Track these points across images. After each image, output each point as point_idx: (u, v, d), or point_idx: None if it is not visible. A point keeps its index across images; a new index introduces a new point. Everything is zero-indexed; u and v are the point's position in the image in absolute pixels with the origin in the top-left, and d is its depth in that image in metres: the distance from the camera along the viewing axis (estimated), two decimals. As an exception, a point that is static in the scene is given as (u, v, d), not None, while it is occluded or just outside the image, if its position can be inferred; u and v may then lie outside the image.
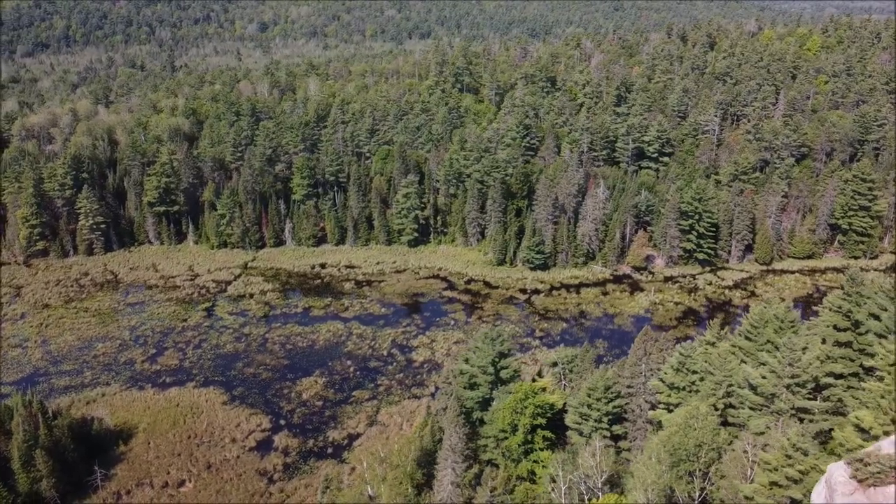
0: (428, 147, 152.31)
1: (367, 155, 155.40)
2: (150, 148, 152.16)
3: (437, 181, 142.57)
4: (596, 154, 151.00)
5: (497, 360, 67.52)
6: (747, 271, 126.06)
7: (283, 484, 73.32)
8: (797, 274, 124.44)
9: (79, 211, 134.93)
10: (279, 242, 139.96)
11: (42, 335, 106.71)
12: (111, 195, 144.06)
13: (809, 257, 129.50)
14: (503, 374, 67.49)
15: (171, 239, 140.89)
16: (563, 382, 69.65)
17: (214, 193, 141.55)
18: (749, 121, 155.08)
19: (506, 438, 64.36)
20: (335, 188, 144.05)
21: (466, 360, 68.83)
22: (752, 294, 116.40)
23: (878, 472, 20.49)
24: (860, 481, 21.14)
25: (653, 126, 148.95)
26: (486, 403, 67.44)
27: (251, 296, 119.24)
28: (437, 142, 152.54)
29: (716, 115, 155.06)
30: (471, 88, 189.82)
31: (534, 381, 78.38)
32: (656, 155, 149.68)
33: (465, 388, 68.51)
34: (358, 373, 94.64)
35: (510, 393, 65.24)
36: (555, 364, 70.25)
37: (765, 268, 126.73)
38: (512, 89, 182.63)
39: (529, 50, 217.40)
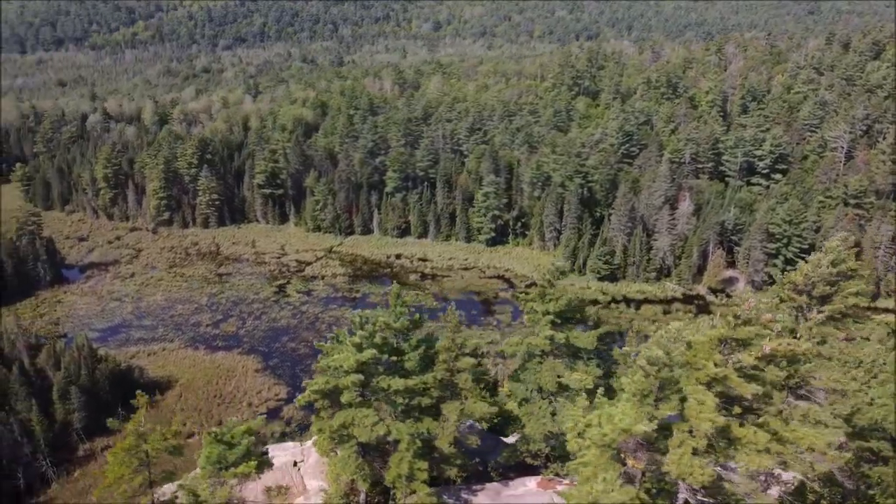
0: (524, 149, 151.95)
1: (466, 153, 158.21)
2: (274, 136, 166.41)
3: (524, 183, 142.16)
4: (700, 166, 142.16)
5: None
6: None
7: (273, 450, 78.94)
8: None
9: (199, 188, 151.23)
10: (367, 231, 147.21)
11: (140, 293, 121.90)
12: (232, 176, 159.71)
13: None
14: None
15: (275, 219, 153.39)
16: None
17: (316, 180, 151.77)
18: (884, 138, 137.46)
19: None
20: (425, 183, 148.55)
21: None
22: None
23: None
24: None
25: (767, 139, 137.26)
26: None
27: (322, 278, 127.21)
28: (533, 144, 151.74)
29: (848, 131, 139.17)
30: (591, 92, 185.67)
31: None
32: (767, 171, 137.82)
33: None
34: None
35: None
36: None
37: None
38: (635, 94, 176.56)
39: (662, 54, 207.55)
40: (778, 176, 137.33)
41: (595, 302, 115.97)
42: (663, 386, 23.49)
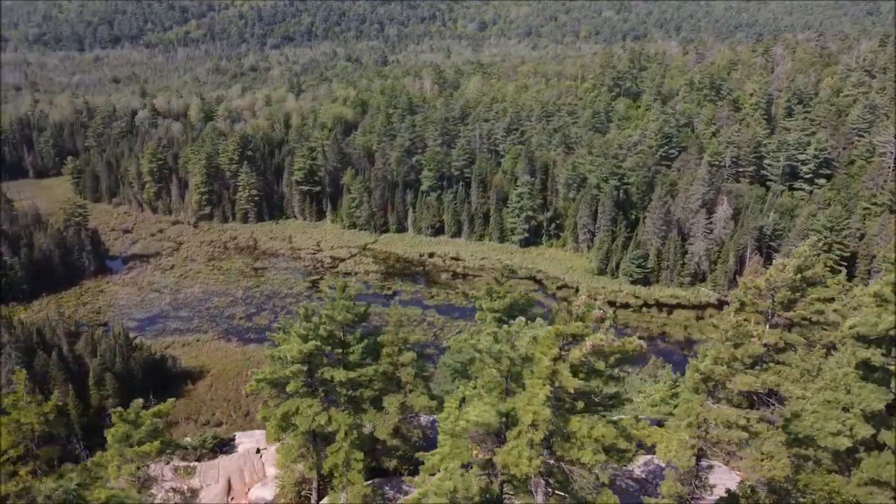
0: (561, 150, 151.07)
1: (502, 153, 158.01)
2: (314, 133, 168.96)
3: (559, 184, 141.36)
4: (741, 170, 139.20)
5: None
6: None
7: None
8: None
9: (239, 183, 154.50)
10: (401, 229, 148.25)
11: (178, 285, 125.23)
12: (272, 172, 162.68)
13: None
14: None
15: (313, 216, 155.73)
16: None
17: (353, 178, 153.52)
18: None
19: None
20: (460, 182, 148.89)
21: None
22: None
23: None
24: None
25: (812, 143, 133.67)
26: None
27: (355, 274, 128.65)
28: (570, 145, 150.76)
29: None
30: (632, 93, 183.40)
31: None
32: (811, 176, 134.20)
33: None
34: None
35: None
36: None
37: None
38: (677, 96, 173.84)
39: (707, 55, 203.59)
40: (822, 181, 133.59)
41: (626, 305, 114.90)
42: (513, 379, 23.95)
